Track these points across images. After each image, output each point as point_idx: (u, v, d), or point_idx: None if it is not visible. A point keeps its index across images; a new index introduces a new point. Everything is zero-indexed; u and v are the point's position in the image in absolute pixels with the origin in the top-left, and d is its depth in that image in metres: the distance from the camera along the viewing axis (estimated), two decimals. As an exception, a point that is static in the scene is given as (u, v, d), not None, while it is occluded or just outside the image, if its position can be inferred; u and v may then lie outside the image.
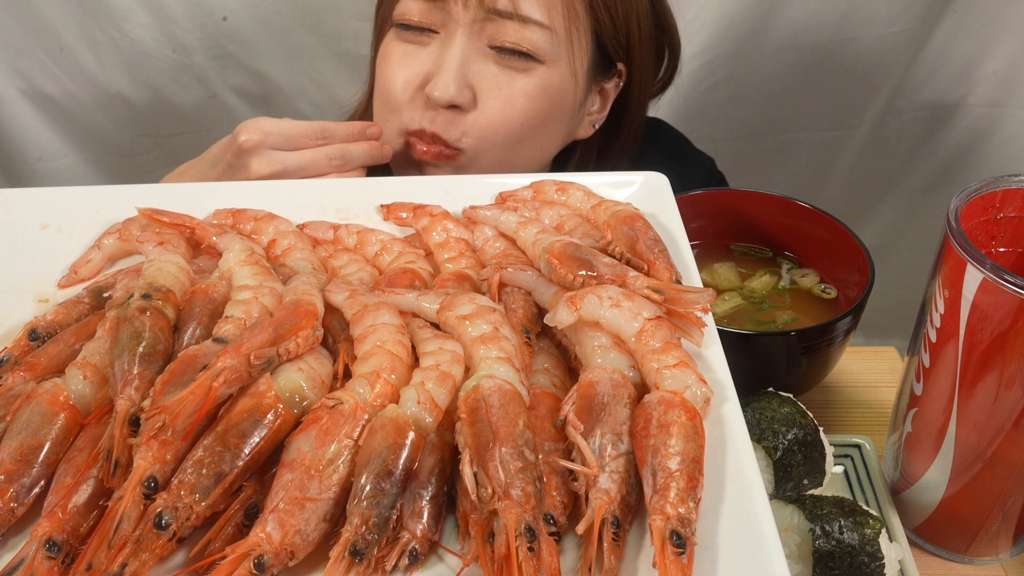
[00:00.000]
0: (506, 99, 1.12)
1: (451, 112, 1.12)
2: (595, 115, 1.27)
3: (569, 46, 1.12)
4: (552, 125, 1.17)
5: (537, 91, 1.12)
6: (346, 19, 1.75)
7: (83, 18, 1.74)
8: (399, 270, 0.85)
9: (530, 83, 1.12)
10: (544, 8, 1.09)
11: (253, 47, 1.80)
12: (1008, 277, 0.71)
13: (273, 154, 1.04)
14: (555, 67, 1.13)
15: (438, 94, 1.09)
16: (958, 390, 0.80)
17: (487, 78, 1.12)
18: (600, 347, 0.71)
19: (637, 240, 0.80)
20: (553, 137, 1.21)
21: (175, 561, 0.61)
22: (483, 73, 1.12)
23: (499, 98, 1.12)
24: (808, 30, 1.72)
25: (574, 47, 1.13)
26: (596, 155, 1.33)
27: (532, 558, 0.57)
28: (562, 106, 1.17)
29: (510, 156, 1.16)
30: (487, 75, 1.12)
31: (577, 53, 1.14)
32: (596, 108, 1.27)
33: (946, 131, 1.82)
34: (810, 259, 1.15)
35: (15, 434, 0.65)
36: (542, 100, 1.13)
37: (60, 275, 0.87)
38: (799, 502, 0.83)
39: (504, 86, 1.12)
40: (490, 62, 1.12)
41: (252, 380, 0.65)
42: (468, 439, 0.62)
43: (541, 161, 1.24)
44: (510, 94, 1.12)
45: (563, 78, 1.14)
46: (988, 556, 0.91)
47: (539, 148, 1.19)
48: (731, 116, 1.86)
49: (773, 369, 1.00)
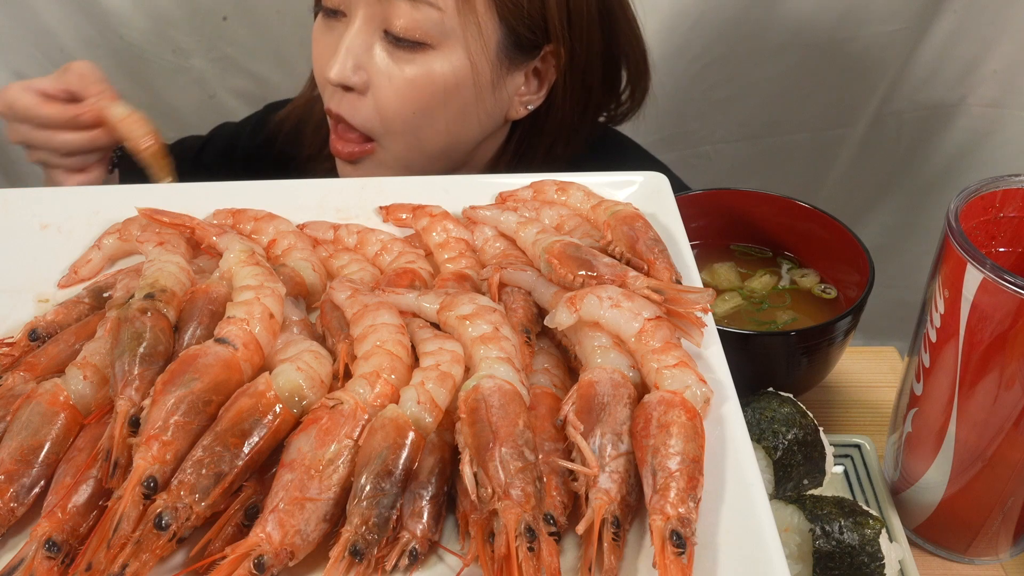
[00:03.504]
0: (394, 88, 1.13)
1: (350, 96, 1.14)
2: (527, 96, 1.24)
3: (463, 28, 1.11)
4: (452, 111, 1.16)
5: (424, 79, 1.12)
6: None
7: (81, 20, 1.74)
8: (399, 270, 0.85)
9: (417, 71, 1.12)
10: None
11: (251, 49, 1.80)
12: (1008, 277, 0.71)
13: (17, 126, 1.15)
14: (448, 51, 1.12)
15: (331, 74, 1.12)
16: (958, 390, 0.80)
17: (379, 67, 1.12)
18: (600, 347, 0.71)
19: (637, 240, 0.80)
20: (462, 122, 1.19)
21: (175, 561, 0.61)
22: (375, 61, 1.12)
23: (388, 87, 1.13)
24: (807, 29, 1.72)
25: (468, 30, 1.12)
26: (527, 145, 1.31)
27: (532, 558, 0.57)
28: (459, 93, 1.15)
29: (415, 143, 1.18)
30: (379, 63, 1.12)
31: (473, 35, 1.12)
32: (531, 90, 1.24)
33: (946, 131, 1.82)
34: (810, 259, 1.15)
35: (15, 434, 0.65)
36: (430, 88, 1.13)
37: (60, 275, 0.87)
38: (799, 502, 0.83)
39: (393, 75, 1.12)
40: (382, 49, 1.12)
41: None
42: (468, 439, 0.62)
43: (462, 145, 1.23)
44: (397, 83, 1.12)
45: (457, 65, 1.13)
46: (988, 556, 0.91)
47: (447, 134, 1.19)
48: (730, 117, 1.86)
49: (773, 369, 1.00)
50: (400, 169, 1.21)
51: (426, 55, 1.12)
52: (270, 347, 0.71)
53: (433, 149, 1.21)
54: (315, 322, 0.79)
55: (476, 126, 1.22)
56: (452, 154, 1.24)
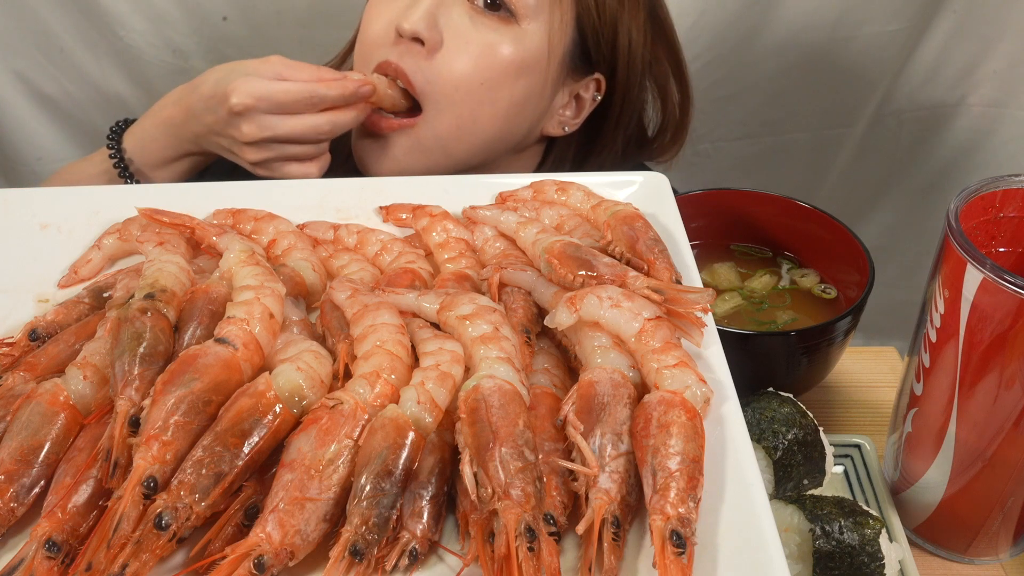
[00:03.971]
0: (470, 51, 1.10)
1: (418, 52, 1.10)
2: (566, 117, 1.25)
3: (550, 12, 1.11)
4: (515, 93, 1.14)
5: (504, 50, 1.10)
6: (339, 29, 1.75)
7: (81, 21, 1.73)
8: (399, 270, 0.85)
9: (497, 39, 1.10)
10: None
11: (250, 52, 1.80)
12: (1008, 277, 0.71)
13: (264, 119, 1.04)
14: (529, 31, 1.11)
15: (407, 25, 1.08)
16: (958, 390, 0.80)
17: (457, 27, 1.10)
18: (600, 347, 0.71)
19: (637, 240, 0.80)
20: (521, 108, 1.17)
21: (175, 561, 0.61)
22: (455, 21, 1.10)
23: (464, 48, 1.10)
24: (806, 29, 1.72)
25: (555, 15, 1.11)
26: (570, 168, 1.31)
27: (532, 558, 0.57)
28: (528, 75, 1.14)
29: (468, 122, 1.13)
30: (458, 24, 1.10)
31: (556, 24, 1.12)
32: (569, 113, 1.24)
33: (946, 131, 1.82)
34: (810, 259, 1.15)
35: (15, 434, 0.65)
36: (507, 60, 1.11)
37: (60, 275, 0.87)
38: (799, 502, 0.83)
39: (471, 38, 1.10)
40: (465, 14, 1.10)
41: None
42: (468, 439, 0.62)
43: (509, 139, 1.20)
44: (475, 47, 1.10)
45: (535, 45, 1.12)
46: (988, 556, 0.91)
47: (504, 118, 1.16)
48: (730, 116, 1.85)
49: (773, 369, 1.00)
50: (432, 154, 1.16)
51: (509, 27, 1.10)
52: (270, 347, 0.71)
53: (484, 134, 1.16)
54: (315, 322, 0.79)
55: (527, 121, 1.20)
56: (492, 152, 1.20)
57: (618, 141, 1.28)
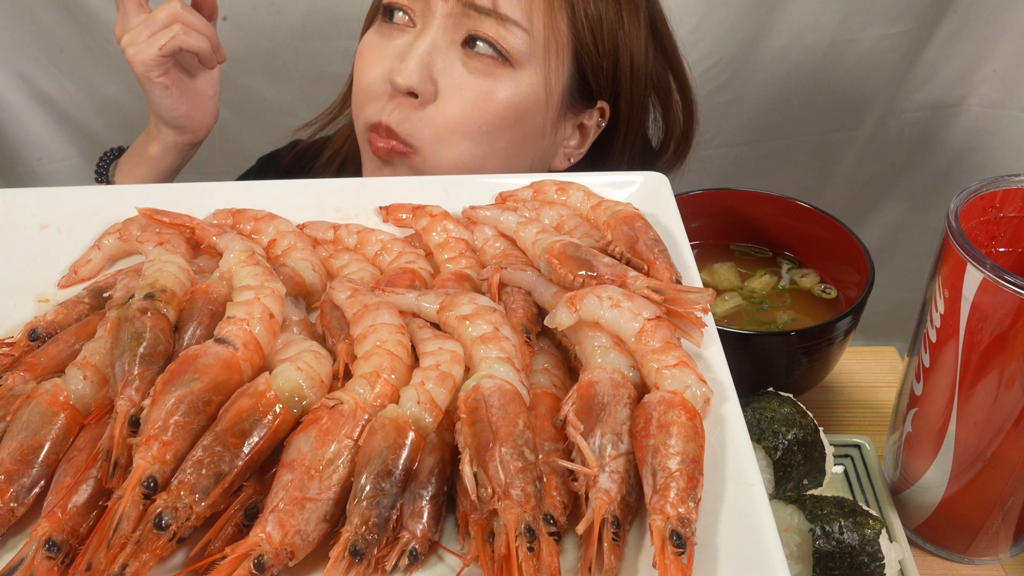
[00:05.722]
0: (466, 99, 1.09)
1: (410, 104, 1.09)
2: (571, 149, 1.23)
3: (545, 56, 1.10)
4: (513, 137, 1.13)
5: (500, 96, 1.09)
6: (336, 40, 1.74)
7: (78, 28, 1.74)
8: (399, 270, 0.85)
9: (493, 85, 1.09)
10: (524, 10, 1.07)
11: (243, 64, 1.80)
12: (1008, 277, 0.71)
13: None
14: (525, 75, 1.09)
15: (401, 80, 1.07)
16: (958, 390, 0.80)
17: (452, 75, 1.09)
18: (600, 347, 0.70)
19: (637, 240, 0.80)
20: (517, 152, 1.16)
21: (175, 561, 0.60)
22: (449, 70, 1.09)
23: (459, 97, 1.09)
24: (808, 33, 1.72)
25: (550, 58, 1.10)
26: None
27: (532, 558, 0.57)
28: (526, 119, 1.13)
29: (467, 161, 1.13)
30: (453, 73, 1.09)
31: (553, 66, 1.11)
32: (573, 143, 1.23)
33: (946, 131, 1.82)
34: (810, 259, 1.15)
35: (15, 434, 0.65)
36: (503, 106, 1.10)
37: (60, 275, 0.87)
38: (799, 502, 0.83)
39: (466, 86, 1.09)
40: (458, 61, 1.09)
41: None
42: (468, 439, 0.62)
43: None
44: (469, 94, 1.09)
45: (531, 89, 1.10)
46: (988, 556, 0.91)
47: (501, 159, 1.15)
48: (732, 120, 1.85)
49: (773, 369, 1.00)
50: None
51: (504, 72, 1.09)
52: (270, 347, 0.71)
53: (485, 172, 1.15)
54: (315, 322, 0.79)
55: (528, 159, 1.19)
56: None
57: (624, 159, 1.27)
